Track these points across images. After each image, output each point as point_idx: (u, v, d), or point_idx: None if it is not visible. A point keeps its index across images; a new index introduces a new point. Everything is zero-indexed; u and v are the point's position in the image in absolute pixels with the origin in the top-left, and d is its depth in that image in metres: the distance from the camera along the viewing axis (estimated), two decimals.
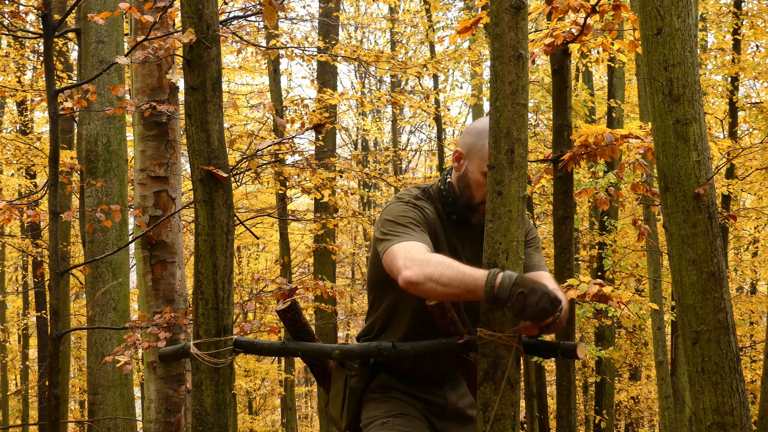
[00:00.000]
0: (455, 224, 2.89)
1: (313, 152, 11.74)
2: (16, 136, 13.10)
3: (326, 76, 12.84)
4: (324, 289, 7.21)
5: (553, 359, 6.65)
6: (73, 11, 9.05)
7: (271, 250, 21.25)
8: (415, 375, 3.01)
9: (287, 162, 10.86)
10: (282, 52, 10.78)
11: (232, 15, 10.00)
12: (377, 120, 21.02)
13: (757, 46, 14.06)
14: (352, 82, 23.52)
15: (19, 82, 13.08)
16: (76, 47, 9.34)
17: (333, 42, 12.35)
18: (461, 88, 26.62)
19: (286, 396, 15.55)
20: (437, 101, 14.66)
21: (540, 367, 12.27)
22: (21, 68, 13.56)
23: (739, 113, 13.34)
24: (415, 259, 2.56)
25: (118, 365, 5.86)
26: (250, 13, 10.08)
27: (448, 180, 2.89)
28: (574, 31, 5.40)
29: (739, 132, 13.42)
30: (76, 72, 12.12)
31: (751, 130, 14.10)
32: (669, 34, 4.00)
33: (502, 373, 2.52)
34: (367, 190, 19.69)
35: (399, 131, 19.90)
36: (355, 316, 20.26)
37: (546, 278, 2.88)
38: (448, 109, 15.04)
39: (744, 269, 18.83)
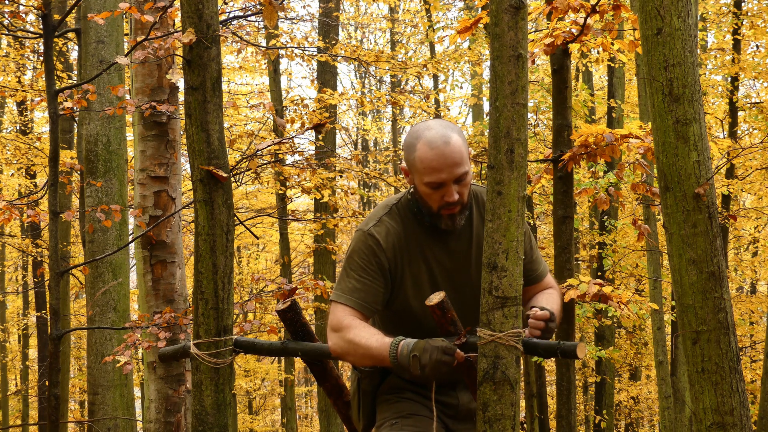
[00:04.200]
0: (431, 229, 2.87)
1: (313, 152, 11.74)
2: (16, 136, 13.09)
3: (326, 76, 12.83)
4: (324, 289, 7.20)
5: (553, 359, 6.65)
6: (73, 11, 9.04)
7: (271, 250, 21.24)
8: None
9: (287, 162, 10.84)
10: (282, 52, 10.77)
11: (232, 15, 10.01)
12: (377, 120, 21.01)
13: (757, 46, 14.05)
14: (352, 82, 23.53)
15: (19, 82, 13.08)
16: (76, 47, 9.34)
17: (333, 42, 12.34)
18: (461, 88, 26.58)
19: (286, 396, 15.55)
20: (437, 101, 14.65)
21: (540, 367, 12.26)
22: (21, 68, 13.56)
23: (739, 113, 13.34)
24: (339, 331, 2.85)
25: (118, 365, 5.86)
26: (250, 13, 10.08)
27: (412, 190, 2.88)
28: (574, 31, 5.40)
29: (739, 132, 13.41)
30: (76, 72, 12.12)
31: (751, 130, 14.09)
32: (669, 34, 4.00)
33: (502, 373, 2.52)
34: (367, 190, 19.68)
35: (399, 131, 19.88)
36: None
37: (547, 294, 3.03)
38: (448, 109, 15.02)
39: (744, 269, 18.83)
